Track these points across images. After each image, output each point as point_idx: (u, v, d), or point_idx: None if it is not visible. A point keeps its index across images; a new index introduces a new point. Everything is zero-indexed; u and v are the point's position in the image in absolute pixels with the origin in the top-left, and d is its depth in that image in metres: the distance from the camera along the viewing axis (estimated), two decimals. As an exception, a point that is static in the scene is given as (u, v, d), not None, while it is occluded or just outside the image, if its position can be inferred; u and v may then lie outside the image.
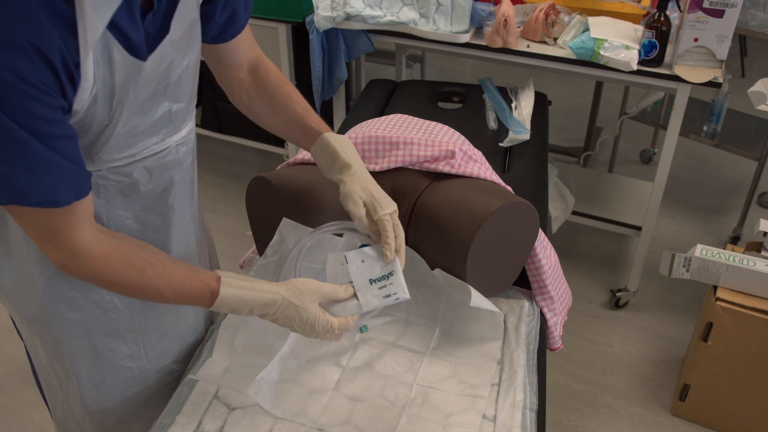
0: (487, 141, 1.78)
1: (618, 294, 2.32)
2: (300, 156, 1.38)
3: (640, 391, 2.03)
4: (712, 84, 1.81)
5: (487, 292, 1.19)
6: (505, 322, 1.21)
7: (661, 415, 1.96)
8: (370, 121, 1.50)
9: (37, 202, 0.76)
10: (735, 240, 2.61)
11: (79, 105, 0.77)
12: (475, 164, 1.31)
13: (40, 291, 0.99)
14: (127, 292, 0.90)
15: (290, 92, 1.09)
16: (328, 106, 2.55)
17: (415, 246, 1.20)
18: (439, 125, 1.43)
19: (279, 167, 1.41)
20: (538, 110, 1.95)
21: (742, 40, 3.81)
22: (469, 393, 1.08)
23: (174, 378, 1.15)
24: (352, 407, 1.05)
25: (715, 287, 1.77)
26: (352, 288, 0.99)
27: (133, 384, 1.11)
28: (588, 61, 1.89)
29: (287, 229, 1.21)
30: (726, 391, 1.84)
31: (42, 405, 1.92)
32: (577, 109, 3.57)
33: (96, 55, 0.76)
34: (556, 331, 1.34)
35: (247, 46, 1.07)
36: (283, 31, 2.39)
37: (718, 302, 1.73)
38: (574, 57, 1.92)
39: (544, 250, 1.30)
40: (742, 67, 3.90)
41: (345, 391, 1.08)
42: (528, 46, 2.00)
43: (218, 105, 2.78)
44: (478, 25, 2.08)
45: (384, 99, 2.04)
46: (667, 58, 1.89)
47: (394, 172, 1.31)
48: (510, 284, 1.28)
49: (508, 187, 1.32)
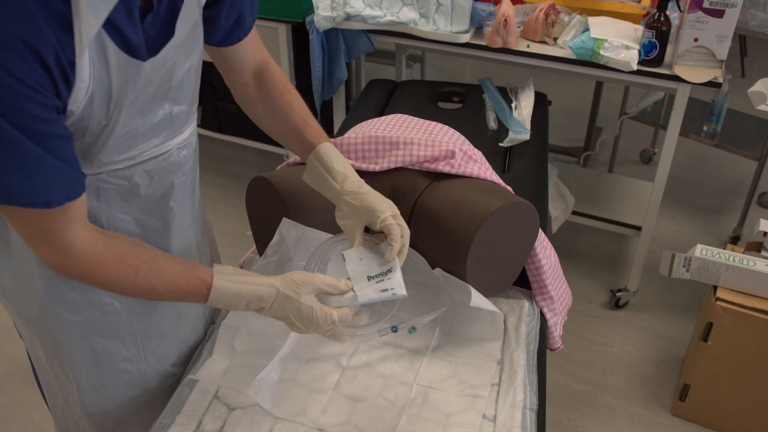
0: (487, 141, 1.78)
1: (618, 294, 2.32)
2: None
3: (640, 391, 2.03)
4: (712, 84, 1.81)
5: (487, 292, 1.19)
6: (505, 322, 1.21)
7: (661, 415, 1.96)
8: (370, 121, 1.50)
9: (29, 202, 0.75)
10: (735, 240, 2.61)
11: (74, 105, 0.77)
12: (475, 164, 1.31)
13: (40, 292, 0.98)
14: (124, 291, 0.89)
15: (291, 101, 1.08)
16: (328, 106, 2.55)
17: (415, 246, 1.20)
18: (439, 125, 1.43)
19: (279, 167, 1.41)
20: (538, 110, 1.95)
21: (742, 40, 3.81)
22: (469, 393, 1.08)
23: (173, 381, 1.15)
24: (352, 407, 1.05)
25: (715, 287, 1.77)
26: (350, 283, 0.98)
27: (133, 387, 1.11)
28: (588, 61, 1.89)
29: (287, 229, 1.21)
30: (726, 391, 1.84)
31: (42, 405, 1.93)
32: (577, 109, 3.57)
33: (91, 55, 0.75)
34: (556, 331, 1.34)
35: (252, 50, 1.07)
36: (283, 31, 2.39)
37: (718, 302, 1.73)
38: (574, 57, 1.92)
39: (544, 250, 1.30)
40: (742, 67, 3.90)
41: (345, 391, 1.08)
42: (528, 46, 2.00)
43: (218, 105, 2.78)
44: (478, 25, 2.08)
45: (384, 99, 2.04)
46: (667, 58, 1.89)
47: (394, 172, 1.31)
48: (510, 284, 1.28)
49: (508, 187, 1.32)
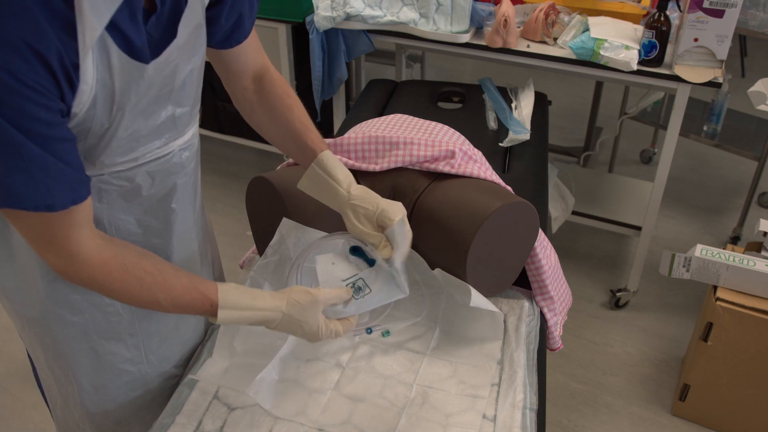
0: (487, 141, 1.78)
1: (618, 294, 2.32)
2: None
3: (640, 391, 2.03)
4: (712, 84, 1.81)
5: (487, 292, 1.19)
6: (505, 322, 1.21)
7: (661, 415, 1.96)
8: (370, 121, 1.50)
9: (32, 206, 0.75)
10: (735, 240, 2.61)
11: (78, 108, 0.76)
12: (475, 164, 1.31)
13: (41, 293, 0.98)
14: (127, 300, 0.89)
15: (291, 105, 1.08)
16: (328, 106, 2.55)
17: (415, 246, 1.20)
18: (439, 125, 1.43)
19: (279, 167, 1.41)
20: (538, 110, 1.95)
21: (742, 40, 3.81)
22: (469, 393, 1.08)
23: (174, 382, 1.15)
24: (352, 407, 1.05)
25: (715, 287, 1.77)
26: (351, 289, 1.00)
27: (134, 388, 1.11)
28: (588, 61, 1.89)
29: (287, 229, 1.21)
30: (726, 391, 1.84)
31: (42, 405, 1.93)
32: (577, 109, 3.57)
33: (94, 58, 0.75)
34: (556, 331, 1.34)
35: (252, 54, 1.06)
36: (283, 31, 2.39)
37: (718, 302, 1.73)
38: (574, 57, 1.92)
39: (544, 250, 1.30)
40: (742, 67, 3.90)
41: (345, 391, 1.08)
42: (528, 46, 2.00)
43: (218, 105, 2.78)
44: (478, 25, 2.08)
45: (384, 99, 2.04)
46: (667, 58, 1.89)
47: (394, 172, 1.31)
48: (510, 284, 1.28)
49: (508, 187, 1.32)
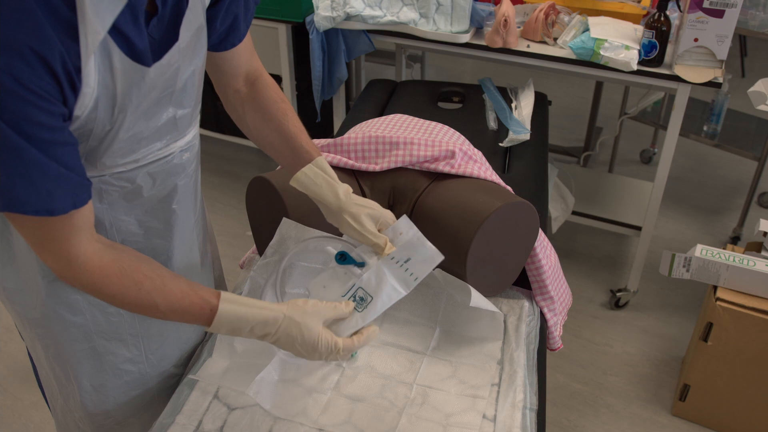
0: (487, 141, 1.78)
1: (618, 294, 2.32)
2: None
3: (640, 391, 2.03)
4: (712, 84, 1.81)
5: (487, 292, 1.19)
6: (505, 322, 1.21)
7: (661, 415, 1.96)
8: (370, 121, 1.50)
9: (33, 210, 0.74)
10: (735, 240, 2.61)
11: (80, 110, 0.76)
12: (475, 164, 1.31)
13: (42, 294, 0.98)
14: (125, 305, 0.87)
15: (285, 110, 1.08)
16: (328, 106, 2.55)
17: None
18: (439, 125, 1.43)
19: (279, 167, 1.40)
20: (538, 110, 1.95)
21: (742, 40, 3.81)
22: (469, 393, 1.08)
23: (174, 382, 1.15)
24: (352, 407, 1.05)
25: (715, 287, 1.77)
26: (353, 302, 0.97)
27: (134, 387, 1.11)
28: (588, 61, 1.89)
29: (287, 229, 1.21)
30: (726, 391, 1.84)
31: (42, 405, 1.93)
32: (577, 109, 3.57)
33: (96, 60, 0.74)
34: (556, 331, 1.34)
35: (246, 57, 1.06)
36: (283, 31, 2.39)
37: (718, 302, 1.73)
38: (574, 57, 1.92)
39: (544, 250, 1.30)
40: (742, 67, 3.90)
41: (345, 391, 1.08)
42: (528, 46, 2.00)
43: (218, 105, 2.74)
44: (478, 25, 2.08)
45: (384, 99, 2.04)
46: (667, 58, 1.89)
47: (394, 172, 1.31)
48: (510, 284, 1.28)
49: (508, 187, 1.32)
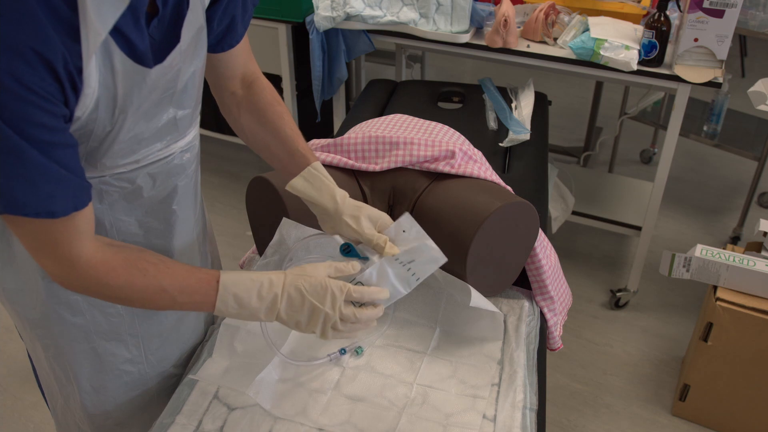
0: (487, 141, 1.78)
1: (618, 294, 2.32)
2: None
3: (640, 391, 2.03)
4: (712, 84, 1.81)
5: (487, 292, 1.19)
6: (505, 322, 1.21)
7: (661, 415, 1.96)
8: (370, 121, 1.50)
9: (34, 212, 0.74)
10: (735, 240, 2.61)
11: (80, 111, 0.76)
12: (475, 164, 1.31)
13: (42, 294, 0.98)
14: (132, 296, 0.86)
15: (282, 113, 1.07)
16: (328, 106, 2.55)
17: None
18: (439, 125, 1.43)
19: (279, 167, 1.40)
20: (538, 110, 1.95)
21: (742, 40, 3.81)
22: (469, 393, 1.08)
23: (174, 382, 1.15)
24: (352, 407, 1.05)
25: (715, 287, 1.77)
26: (359, 264, 0.94)
27: (134, 388, 1.11)
28: (588, 61, 1.89)
29: (287, 229, 1.21)
30: (726, 391, 1.84)
31: (42, 405, 1.93)
32: (577, 109, 3.57)
33: (97, 61, 0.74)
34: (556, 331, 1.34)
35: (242, 60, 1.06)
36: (283, 31, 2.39)
37: (718, 302, 1.73)
38: (574, 57, 1.92)
39: (544, 250, 1.31)
40: (742, 67, 3.90)
41: (345, 391, 1.08)
42: (528, 46, 2.00)
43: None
44: (478, 25, 2.08)
45: (384, 99, 2.04)
46: (667, 58, 1.89)
47: (394, 172, 1.31)
48: (510, 284, 1.28)
49: (508, 187, 1.32)
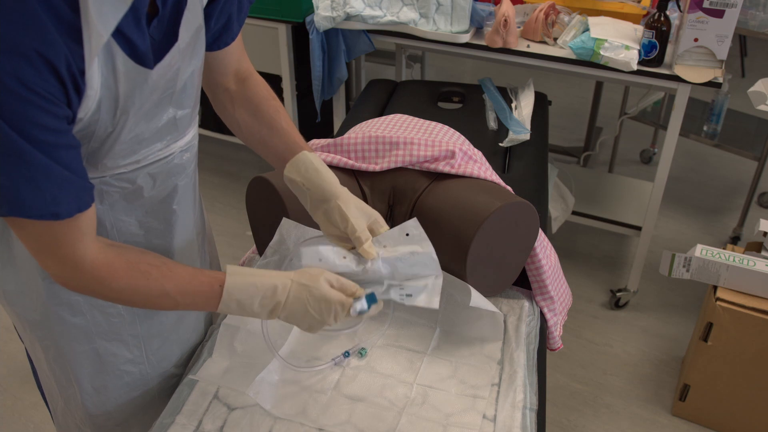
0: (487, 141, 1.78)
1: (618, 294, 2.32)
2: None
3: (640, 391, 2.03)
4: (712, 84, 1.81)
5: (487, 292, 1.19)
6: (505, 322, 1.21)
7: (661, 415, 1.96)
8: (370, 121, 1.50)
9: (38, 214, 0.74)
10: (735, 240, 2.61)
11: (83, 113, 0.76)
12: (475, 164, 1.31)
13: (42, 296, 0.98)
14: (134, 298, 0.86)
15: (277, 107, 1.08)
16: (328, 106, 2.55)
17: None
18: (439, 125, 1.43)
19: (279, 167, 1.40)
20: (538, 110, 1.95)
21: (742, 40, 3.81)
22: (469, 393, 1.08)
23: (174, 382, 1.15)
24: (352, 407, 1.05)
25: (715, 287, 1.77)
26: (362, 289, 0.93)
27: (135, 388, 1.11)
28: (588, 61, 1.89)
29: (287, 229, 1.21)
30: (726, 391, 1.84)
31: (42, 405, 1.93)
32: (577, 109, 3.57)
33: (100, 63, 0.74)
34: (556, 331, 1.34)
35: (236, 56, 1.06)
36: (283, 31, 2.39)
37: (718, 302, 1.73)
38: (574, 57, 1.92)
39: (544, 250, 1.31)
40: (742, 67, 3.90)
41: (345, 391, 1.08)
42: (528, 46, 2.00)
43: (218, 105, 2.77)
44: (478, 25, 2.08)
45: (384, 99, 2.04)
46: (667, 58, 1.89)
47: (394, 172, 1.31)
48: (510, 284, 1.28)
49: (508, 187, 1.32)
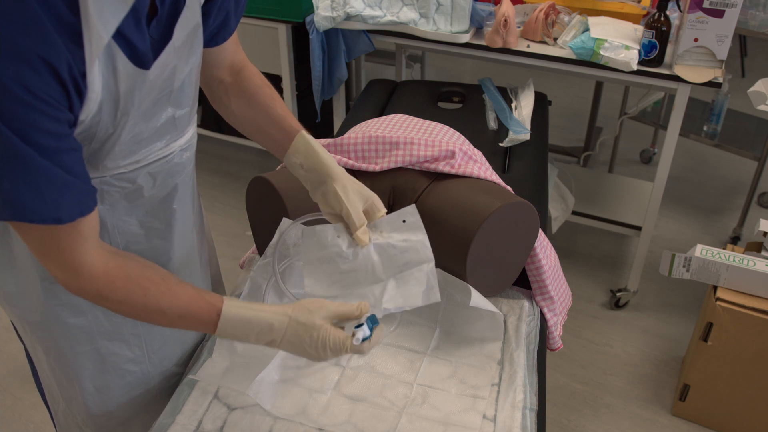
0: (487, 141, 1.78)
1: (618, 294, 2.32)
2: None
3: (640, 391, 2.03)
4: (712, 84, 1.81)
5: (487, 292, 1.19)
6: (505, 322, 1.21)
7: (661, 415, 1.96)
8: (370, 121, 1.50)
9: (40, 218, 0.73)
10: (735, 240, 2.61)
11: (84, 115, 0.76)
12: (475, 164, 1.31)
13: (42, 297, 0.98)
14: (131, 312, 0.87)
15: (272, 94, 1.08)
16: (328, 106, 2.55)
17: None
18: (439, 125, 1.43)
19: (279, 167, 1.40)
20: (538, 110, 1.95)
21: (742, 40, 3.81)
22: (469, 393, 1.08)
23: (175, 381, 1.15)
24: (352, 407, 1.05)
25: (715, 287, 1.77)
26: (367, 305, 0.93)
27: (136, 387, 1.11)
28: (588, 61, 1.89)
29: (287, 229, 1.21)
30: (726, 391, 1.84)
31: (42, 405, 1.92)
32: (577, 109, 3.57)
33: (100, 64, 0.74)
34: (556, 331, 1.34)
35: (231, 50, 1.06)
36: (283, 31, 2.39)
37: (718, 302, 1.73)
38: (574, 57, 1.92)
39: (544, 250, 1.31)
40: (742, 67, 3.90)
41: (345, 391, 1.08)
42: (528, 46, 2.00)
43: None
44: (478, 25, 2.08)
45: (384, 99, 2.04)
46: (667, 58, 1.89)
47: (394, 172, 1.31)
48: (510, 284, 1.28)
49: (508, 187, 1.32)
